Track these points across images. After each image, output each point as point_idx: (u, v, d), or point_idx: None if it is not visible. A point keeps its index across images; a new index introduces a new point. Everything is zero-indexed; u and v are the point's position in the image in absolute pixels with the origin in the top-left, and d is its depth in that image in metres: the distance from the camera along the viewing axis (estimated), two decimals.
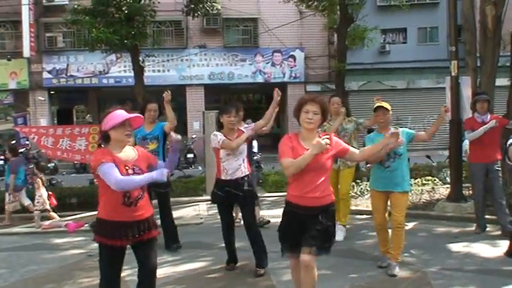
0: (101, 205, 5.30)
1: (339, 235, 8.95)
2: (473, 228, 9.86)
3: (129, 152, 5.32)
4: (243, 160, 7.67)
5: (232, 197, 7.58)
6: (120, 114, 5.17)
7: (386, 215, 7.75)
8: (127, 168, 5.16)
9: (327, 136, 5.34)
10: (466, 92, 11.40)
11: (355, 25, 19.37)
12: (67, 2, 27.19)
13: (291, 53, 31.17)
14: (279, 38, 30.07)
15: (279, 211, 5.81)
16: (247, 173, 7.69)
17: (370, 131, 11.05)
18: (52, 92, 30.93)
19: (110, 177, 4.96)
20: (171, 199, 13.82)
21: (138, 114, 5.51)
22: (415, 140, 7.60)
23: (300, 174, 5.40)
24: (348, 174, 9.69)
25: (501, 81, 13.00)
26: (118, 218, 5.18)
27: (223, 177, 7.60)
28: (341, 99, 9.96)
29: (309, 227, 5.41)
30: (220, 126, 7.64)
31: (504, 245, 8.69)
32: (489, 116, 9.40)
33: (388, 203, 7.59)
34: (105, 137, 5.23)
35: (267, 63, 31.14)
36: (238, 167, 7.58)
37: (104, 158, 5.06)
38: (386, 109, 7.46)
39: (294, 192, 5.54)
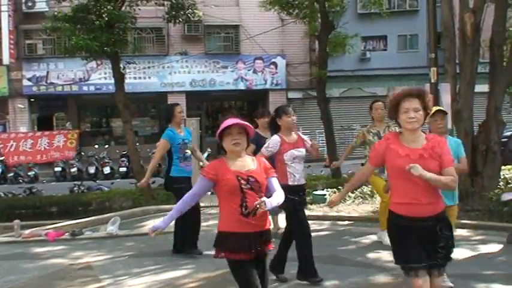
0: (222, 217, 5.04)
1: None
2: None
3: (246, 162, 5.05)
4: (303, 168, 7.60)
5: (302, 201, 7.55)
6: (227, 122, 4.91)
7: None
8: (239, 178, 4.91)
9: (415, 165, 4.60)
10: (445, 99, 11.49)
11: (336, 32, 19.44)
12: (47, 9, 27.04)
13: (273, 60, 31.22)
14: (261, 45, 30.12)
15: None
16: (304, 181, 7.66)
17: None
18: (32, 100, 30.71)
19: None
20: (153, 207, 13.88)
21: (246, 121, 5.07)
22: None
23: (402, 180, 4.81)
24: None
25: (480, 88, 13.11)
26: (240, 229, 4.90)
27: (291, 183, 7.29)
28: (385, 104, 9.47)
29: (429, 243, 4.79)
30: (276, 129, 7.51)
31: (483, 249, 8.77)
32: None
33: None
34: (221, 147, 5.08)
35: (249, 70, 31.17)
36: (302, 172, 7.53)
37: (206, 172, 4.94)
38: (445, 112, 7.02)
39: (398, 199, 4.89)
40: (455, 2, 12.68)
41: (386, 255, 8.49)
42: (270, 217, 5.19)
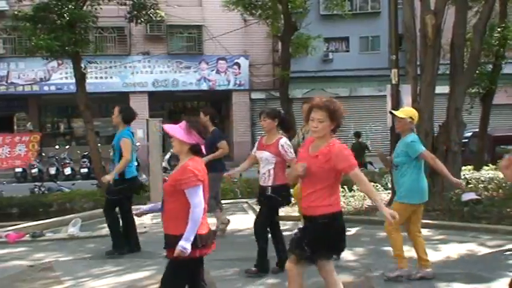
0: None
1: None
2: None
3: (178, 165, 5.26)
4: (269, 170, 7.65)
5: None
6: None
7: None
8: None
9: (303, 164, 5.16)
10: (407, 100, 11.60)
11: (298, 33, 19.57)
12: (7, 8, 26.63)
13: (236, 61, 31.21)
14: (224, 46, 30.09)
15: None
16: (270, 184, 7.68)
17: None
18: None
19: None
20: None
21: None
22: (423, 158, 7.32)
23: (302, 181, 5.42)
24: None
25: (441, 89, 13.28)
26: None
27: (259, 182, 7.96)
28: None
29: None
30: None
31: (444, 249, 8.88)
32: None
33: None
34: None
35: (212, 70, 31.12)
36: (263, 175, 7.74)
37: None
38: (399, 117, 7.34)
39: None
40: (416, 4, 12.82)
41: (349, 255, 8.55)
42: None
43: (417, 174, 7.28)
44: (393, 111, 7.49)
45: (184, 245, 4.81)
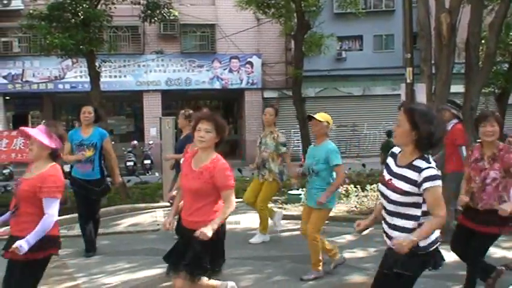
0: None
1: (256, 239, 9.88)
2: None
3: (32, 170, 5.46)
4: None
5: None
6: None
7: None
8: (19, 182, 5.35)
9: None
10: (421, 99, 11.55)
11: (311, 32, 19.54)
12: (23, 7, 26.80)
13: (249, 60, 31.19)
14: (237, 44, 30.08)
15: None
16: None
17: None
18: (7, 98, 30.43)
19: None
20: (128, 206, 13.85)
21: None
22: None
23: (184, 195, 5.53)
24: (266, 188, 9.76)
25: (456, 88, 13.21)
26: None
27: None
28: (275, 110, 9.78)
29: (185, 249, 5.33)
30: None
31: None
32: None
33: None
34: None
35: (225, 69, 31.12)
36: None
37: None
38: (318, 120, 7.43)
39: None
40: (431, 2, 12.75)
41: (361, 255, 8.56)
42: None
43: (332, 179, 7.49)
44: (312, 115, 7.52)
45: (24, 245, 4.90)
